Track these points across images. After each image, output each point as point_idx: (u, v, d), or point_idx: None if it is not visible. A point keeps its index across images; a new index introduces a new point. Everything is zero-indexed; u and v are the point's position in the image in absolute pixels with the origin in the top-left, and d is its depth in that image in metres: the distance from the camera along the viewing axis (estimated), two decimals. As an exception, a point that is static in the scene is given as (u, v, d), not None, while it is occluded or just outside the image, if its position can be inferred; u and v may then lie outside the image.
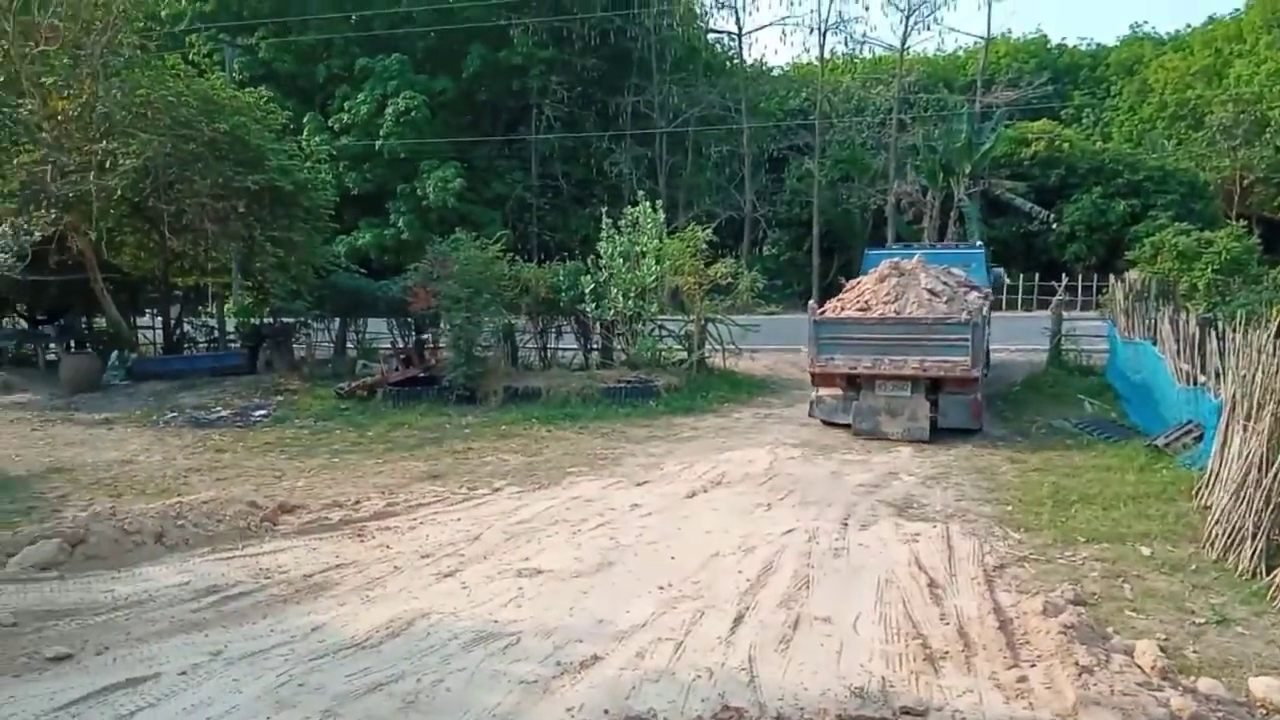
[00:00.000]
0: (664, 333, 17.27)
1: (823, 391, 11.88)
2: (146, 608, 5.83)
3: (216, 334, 21.46)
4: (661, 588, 6.13)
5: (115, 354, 18.22)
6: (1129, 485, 8.62)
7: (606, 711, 4.29)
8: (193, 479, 10.11)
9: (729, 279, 16.76)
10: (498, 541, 7.32)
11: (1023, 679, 4.54)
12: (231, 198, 16.56)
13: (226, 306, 21.23)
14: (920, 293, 11.35)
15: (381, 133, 37.01)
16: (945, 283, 11.74)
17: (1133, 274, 18.16)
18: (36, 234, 15.10)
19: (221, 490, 9.06)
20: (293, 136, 24.17)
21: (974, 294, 11.93)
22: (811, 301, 12.01)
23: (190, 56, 33.71)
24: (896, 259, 12.61)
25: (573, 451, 11.36)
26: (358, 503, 8.66)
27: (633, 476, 9.81)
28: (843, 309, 11.79)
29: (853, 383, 11.43)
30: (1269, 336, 7.29)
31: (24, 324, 21.83)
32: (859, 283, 12.44)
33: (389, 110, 36.97)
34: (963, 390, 10.97)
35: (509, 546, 7.18)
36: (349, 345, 20.12)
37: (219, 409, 14.99)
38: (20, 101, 15.34)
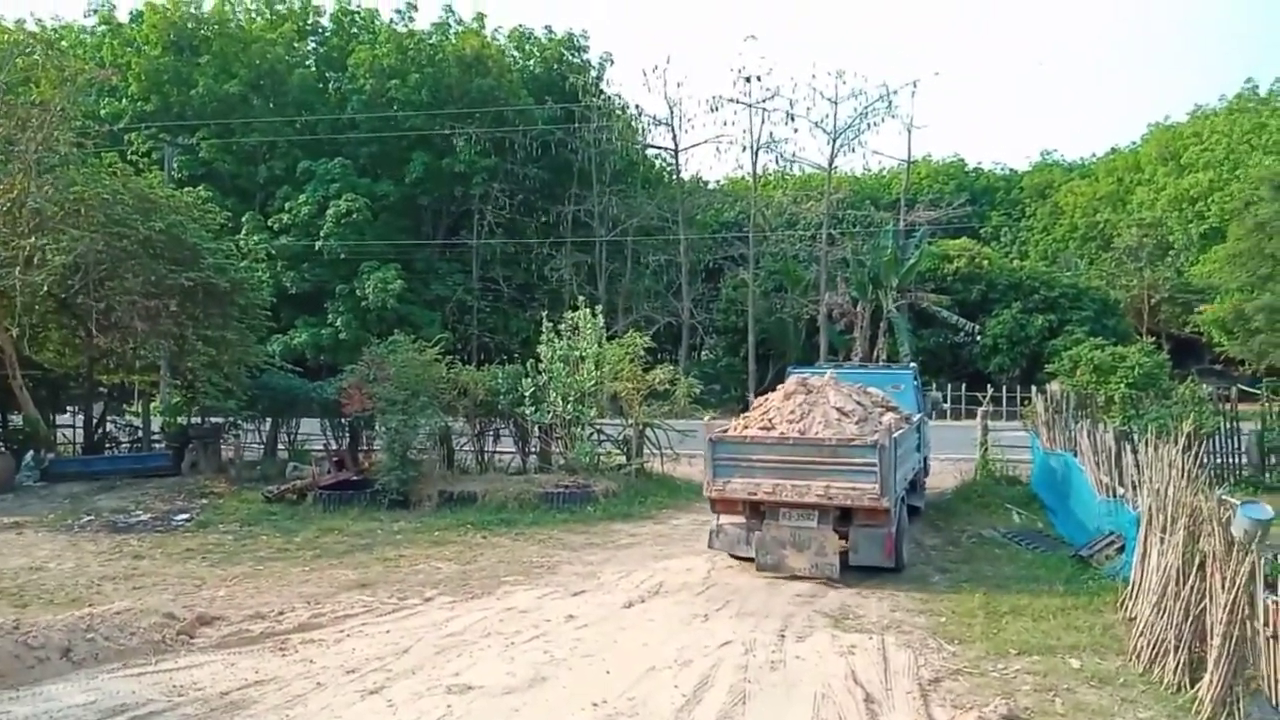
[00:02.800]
0: (602, 437, 17.27)
1: (724, 520, 10.51)
2: (47, 731, 5.50)
3: (141, 434, 20.70)
4: (596, 704, 6.00)
5: (31, 453, 17.42)
6: (1057, 597, 8.79)
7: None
8: (106, 588, 9.63)
9: (667, 384, 16.99)
10: (427, 655, 7.11)
11: (959, 797, 4.53)
12: (164, 295, 16.32)
13: (153, 405, 20.59)
14: (828, 411, 10.42)
15: (322, 233, 37.09)
16: (859, 402, 10.82)
17: (1054, 386, 18.95)
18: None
19: (137, 600, 8.64)
20: (230, 235, 24.14)
21: (889, 415, 10.91)
22: (708, 418, 11.12)
23: (129, 155, 33.64)
24: (806, 375, 11.81)
25: (508, 559, 11.15)
26: (281, 613, 8.34)
27: (569, 586, 9.66)
28: (745, 428, 10.72)
29: (756, 510, 10.21)
30: (1179, 450, 7.66)
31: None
32: (767, 399, 11.37)
33: (330, 211, 37.16)
34: (875, 523, 9.76)
35: (439, 660, 6.97)
36: (280, 447, 19.60)
37: (139, 513, 14.37)
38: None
